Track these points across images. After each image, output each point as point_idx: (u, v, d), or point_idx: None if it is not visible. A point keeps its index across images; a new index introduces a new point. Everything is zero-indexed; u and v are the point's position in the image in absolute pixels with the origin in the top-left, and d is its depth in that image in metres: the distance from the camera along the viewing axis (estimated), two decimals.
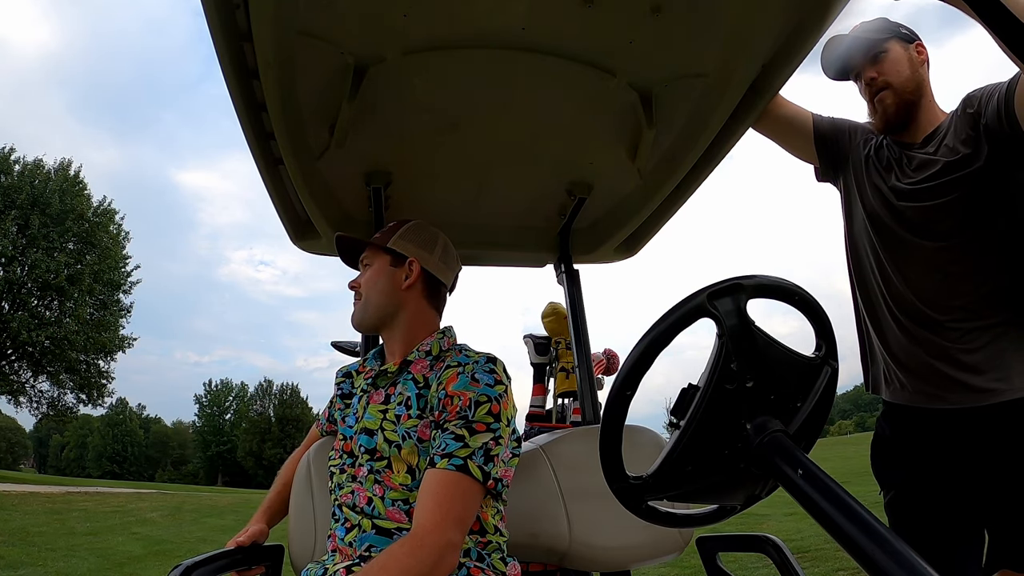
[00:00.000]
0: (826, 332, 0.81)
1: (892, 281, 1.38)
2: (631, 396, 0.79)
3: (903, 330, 1.37)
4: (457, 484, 1.05)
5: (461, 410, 1.11)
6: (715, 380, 0.72)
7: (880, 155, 1.45)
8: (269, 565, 1.32)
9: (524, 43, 1.24)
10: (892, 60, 1.40)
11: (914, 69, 1.40)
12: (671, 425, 0.78)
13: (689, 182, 1.66)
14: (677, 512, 0.85)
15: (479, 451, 1.08)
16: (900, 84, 1.39)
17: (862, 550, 0.59)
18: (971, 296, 1.31)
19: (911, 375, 1.36)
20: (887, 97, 1.40)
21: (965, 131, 1.32)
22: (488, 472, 1.08)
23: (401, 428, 1.16)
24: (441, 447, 1.09)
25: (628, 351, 0.82)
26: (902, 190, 1.38)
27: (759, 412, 0.73)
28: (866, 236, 1.44)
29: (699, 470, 0.75)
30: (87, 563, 6.15)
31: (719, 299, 0.73)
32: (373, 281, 1.30)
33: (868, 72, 1.41)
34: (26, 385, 22.88)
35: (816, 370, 0.79)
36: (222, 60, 1.17)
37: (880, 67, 1.40)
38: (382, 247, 1.32)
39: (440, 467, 1.07)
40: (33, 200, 21.24)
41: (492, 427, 1.11)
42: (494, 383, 1.15)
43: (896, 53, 1.40)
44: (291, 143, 1.39)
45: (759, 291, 0.76)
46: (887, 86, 1.39)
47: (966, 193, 1.30)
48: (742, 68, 1.27)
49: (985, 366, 1.28)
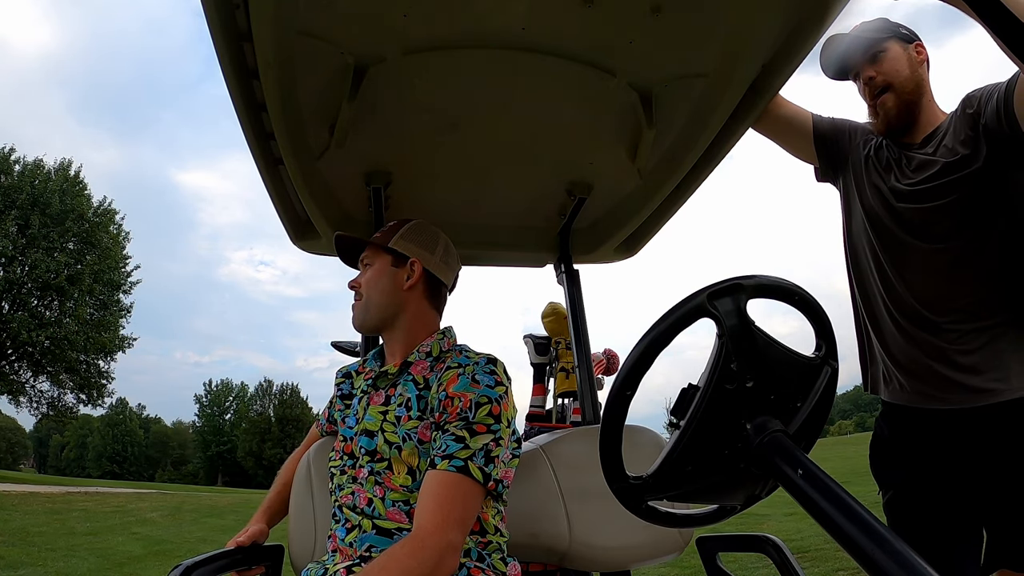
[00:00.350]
0: (826, 332, 0.81)
1: (890, 282, 1.38)
2: (631, 396, 0.79)
3: (901, 331, 1.37)
4: (458, 485, 1.05)
5: (462, 411, 1.11)
6: (715, 380, 0.72)
7: (880, 155, 1.45)
8: (269, 565, 1.32)
9: (524, 43, 1.24)
10: (891, 60, 1.39)
11: (913, 69, 1.39)
12: (671, 425, 0.78)
13: (689, 182, 1.66)
14: (677, 512, 0.85)
15: (479, 452, 1.08)
16: (900, 84, 1.38)
17: (862, 550, 0.59)
18: (969, 298, 1.30)
19: (910, 376, 1.37)
20: (888, 100, 1.39)
21: (964, 131, 1.31)
22: (489, 473, 1.08)
23: (401, 430, 1.16)
24: (441, 448, 1.09)
25: (628, 351, 0.82)
26: (901, 191, 1.38)
27: (759, 412, 0.73)
28: (865, 237, 1.44)
29: (699, 470, 0.75)
30: (87, 563, 6.15)
31: (719, 299, 0.73)
32: (374, 281, 1.29)
33: (867, 71, 1.40)
34: (26, 385, 22.89)
35: (816, 370, 0.79)
36: (222, 60, 1.17)
37: (879, 66, 1.39)
38: (383, 247, 1.31)
39: (441, 468, 1.06)
40: (33, 200, 21.24)
41: (492, 428, 1.11)
42: (494, 384, 1.15)
43: (895, 53, 1.39)
44: (291, 143, 1.39)
45: (759, 291, 0.76)
46: (887, 86, 1.39)
47: (965, 194, 1.29)
48: (742, 68, 1.27)
49: (983, 367, 1.28)
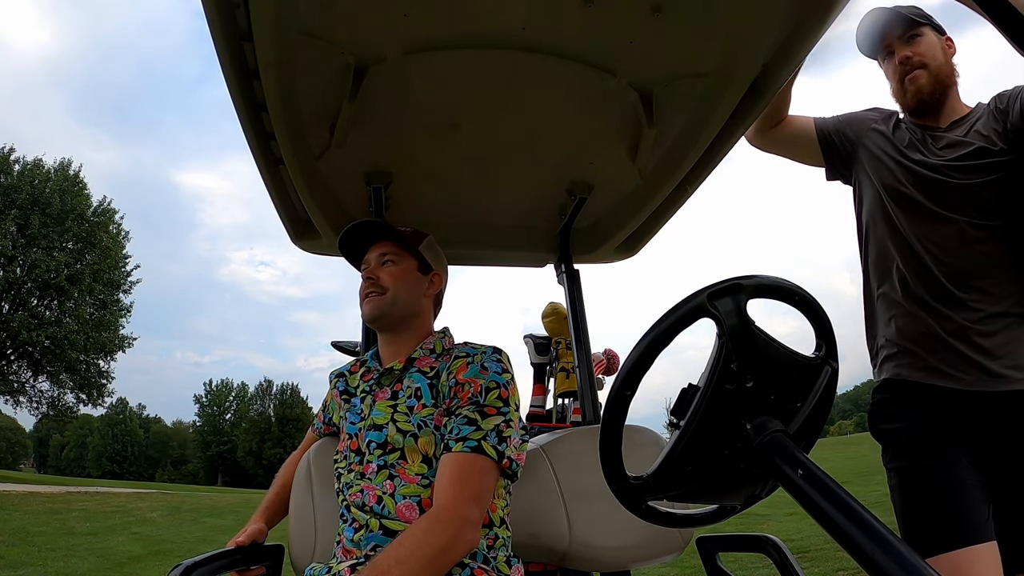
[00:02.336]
0: (826, 332, 0.81)
1: (915, 256, 1.37)
2: (631, 396, 0.79)
3: (923, 306, 1.35)
4: (472, 463, 1.08)
5: (472, 396, 1.15)
6: (715, 380, 0.72)
7: (899, 135, 1.46)
8: (269, 565, 1.32)
9: (524, 43, 1.24)
10: (928, 44, 1.42)
11: (947, 57, 1.43)
12: (671, 425, 0.78)
13: (689, 182, 1.65)
14: (677, 512, 0.85)
15: (492, 432, 1.11)
16: (936, 66, 1.41)
17: (862, 550, 0.59)
18: (997, 279, 1.30)
19: (926, 351, 1.34)
20: (921, 76, 1.41)
21: (995, 125, 1.34)
22: (502, 452, 1.11)
23: (416, 418, 1.17)
24: (455, 432, 1.12)
25: (628, 351, 0.82)
26: (934, 164, 1.38)
27: (759, 412, 0.73)
28: (883, 216, 1.43)
29: (699, 470, 0.75)
30: (87, 563, 6.15)
31: (719, 299, 0.73)
32: (403, 279, 1.30)
33: (903, 51, 1.43)
34: (26, 385, 22.89)
35: (816, 370, 0.79)
36: (222, 60, 1.16)
37: (916, 47, 1.42)
38: (411, 249, 1.34)
39: (456, 451, 1.09)
40: (33, 200, 21.25)
41: (502, 411, 1.14)
42: (501, 371, 1.19)
43: (931, 39, 1.43)
44: (291, 143, 1.39)
45: (759, 291, 0.76)
46: (923, 66, 1.41)
47: (1003, 177, 1.31)
48: (742, 68, 1.27)
49: (1000, 351, 1.28)
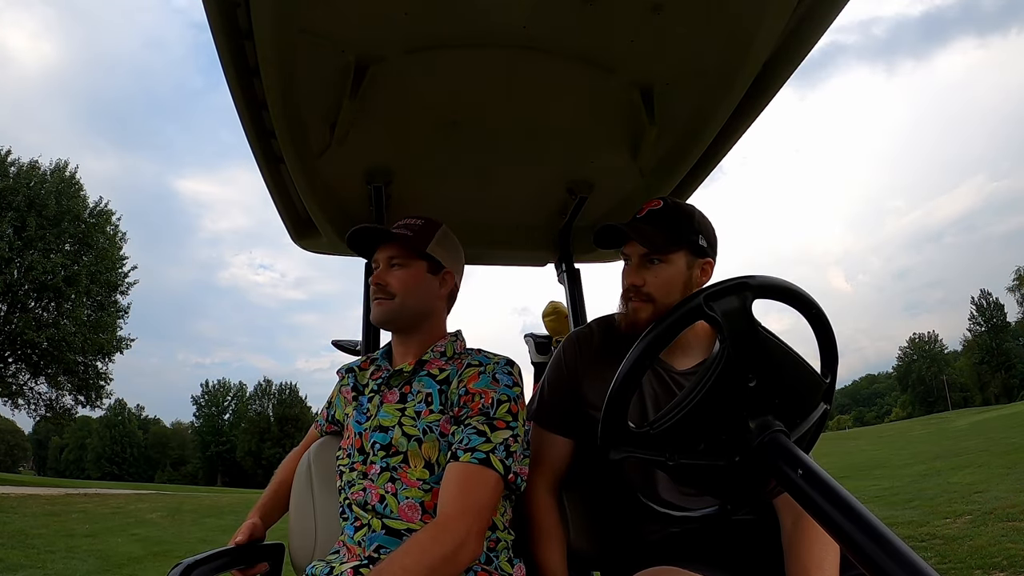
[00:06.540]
0: (829, 346, 0.82)
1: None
2: (631, 396, 0.79)
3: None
4: (479, 475, 1.08)
5: (483, 407, 1.14)
6: (718, 371, 0.73)
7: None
8: (270, 564, 1.32)
9: (525, 41, 1.24)
10: (669, 275, 1.19)
11: (695, 286, 1.20)
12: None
13: (690, 181, 1.66)
14: (676, 513, 0.85)
15: (500, 446, 1.11)
16: (664, 305, 1.19)
17: (862, 550, 0.59)
18: None
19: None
20: (643, 311, 1.20)
21: None
22: (509, 466, 1.11)
23: (422, 423, 1.17)
24: (464, 442, 1.11)
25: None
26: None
27: (762, 412, 0.74)
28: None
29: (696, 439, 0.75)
30: (87, 564, 6.15)
31: (716, 300, 0.74)
32: (412, 285, 1.26)
33: (633, 277, 1.21)
34: (24, 387, 22.83)
35: (825, 394, 0.80)
36: (223, 58, 1.17)
37: (652, 275, 1.19)
38: (420, 251, 1.27)
39: (463, 460, 1.09)
40: (30, 202, 21.21)
41: (511, 425, 1.14)
42: (512, 384, 1.18)
43: (677, 268, 1.19)
44: (292, 141, 1.39)
45: (760, 291, 0.76)
46: (649, 300, 1.20)
47: None
48: (743, 66, 1.27)
49: None
